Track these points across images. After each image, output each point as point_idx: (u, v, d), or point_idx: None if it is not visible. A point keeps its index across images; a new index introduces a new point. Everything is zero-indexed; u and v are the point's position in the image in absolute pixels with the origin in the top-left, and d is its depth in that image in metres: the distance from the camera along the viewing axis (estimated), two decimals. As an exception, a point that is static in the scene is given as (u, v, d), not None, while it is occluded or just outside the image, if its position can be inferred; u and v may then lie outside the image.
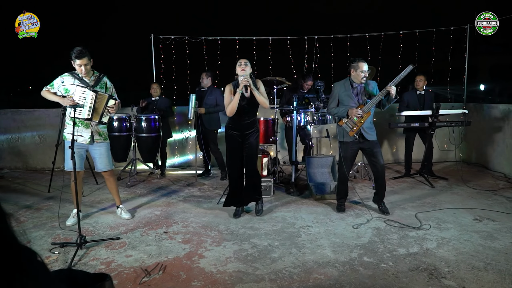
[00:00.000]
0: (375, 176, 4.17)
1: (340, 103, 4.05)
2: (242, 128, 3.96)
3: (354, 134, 3.95)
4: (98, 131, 3.81)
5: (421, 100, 5.62)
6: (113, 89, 3.89)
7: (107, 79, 3.84)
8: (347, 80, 4.03)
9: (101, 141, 3.83)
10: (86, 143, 3.76)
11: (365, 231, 3.64)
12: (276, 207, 4.41)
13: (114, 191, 4.10)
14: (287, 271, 2.85)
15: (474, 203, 4.49)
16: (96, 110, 3.61)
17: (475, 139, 6.59)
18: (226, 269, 2.88)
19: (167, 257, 3.11)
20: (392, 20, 64.55)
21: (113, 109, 3.68)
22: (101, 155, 3.83)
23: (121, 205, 4.15)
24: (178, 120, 6.75)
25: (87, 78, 3.72)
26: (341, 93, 4.03)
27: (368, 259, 3.02)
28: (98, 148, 3.81)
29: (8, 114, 6.77)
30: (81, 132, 3.71)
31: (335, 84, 4.13)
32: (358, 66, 3.92)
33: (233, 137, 3.99)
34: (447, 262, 2.95)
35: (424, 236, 3.49)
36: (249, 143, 3.97)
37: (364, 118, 3.90)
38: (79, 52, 3.51)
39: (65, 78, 3.69)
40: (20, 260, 1.00)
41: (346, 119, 3.96)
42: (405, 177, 5.78)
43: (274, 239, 3.46)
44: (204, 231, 3.68)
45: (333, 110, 4.09)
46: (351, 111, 3.91)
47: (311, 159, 5.22)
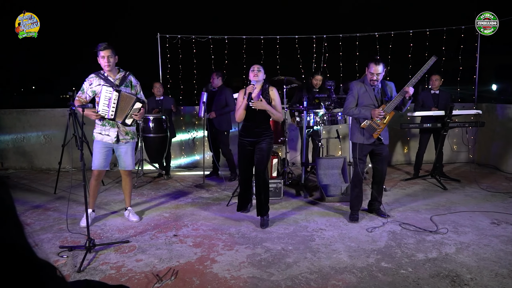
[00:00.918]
0: (377, 180, 4.03)
1: (359, 104, 3.84)
2: (254, 136, 3.81)
3: (378, 136, 3.78)
4: (125, 130, 3.81)
5: (436, 100, 5.51)
6: (139, 86, 3.88)
7: (132, 77, 3.83)
8: (366, 78, 3.85)
9: (127, 140, 3.82)
10: (112, 142, 3.77)
11: (381, 235, 3.54)
12: (287, 210, 4.32)
13: (127, 191, 4.07)
14: (304, 277, 2.75)
15: (489, 206, 4.38)
16: (120, 110, 3.60)
17: (487, 139, 6.48)
18: (240, 275, 2.79)
19: (179, 261, 3.02)
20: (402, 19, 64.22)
21: (137, 116, 3.64)
22: (125, 154, 3.84)
23: (130, 207, 4.09)
24: (184, 120, 6.67)
25: (112, 77, 3.71)
26: (360, 93, 3.82)
27: (386, 265, 2.93)
28: (123, 147, 3.82)
29: (14, 114, 6.70)
30: (107, 131, 3.74)
31: (353, 83, 3.92)
32: (368, 66, 3.75)
33: (244, 145, 3.87)
34: (468, 269, 2.85)
35: (441, 240, 3.39)
36: (260, 148, 3.80)
37: (387, 119, 3.74)
38: (103, 44, 3.60)
39: (92, 79, 3.70)
40: (40, 277, 0.91)
41: (369, 121, 3.75)
42: (415, 179, 5.68)
43: (287, 243, 3.36)
44: (215, 234, 3.59)
45: (352, 111, 3.83)
46: (374, 112, 3.69)
47: (321, 160, 5.12)
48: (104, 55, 3.60)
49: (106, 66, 3.64)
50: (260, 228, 3.75)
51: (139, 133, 5.48)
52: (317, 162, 5.10)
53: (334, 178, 5.04)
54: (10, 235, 0.90)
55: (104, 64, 3.66)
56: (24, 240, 0.96)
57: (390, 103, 3.73)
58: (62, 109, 6.78)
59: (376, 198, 4.05)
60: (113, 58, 3.67)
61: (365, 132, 3.80)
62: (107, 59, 3.61)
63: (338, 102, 5.17)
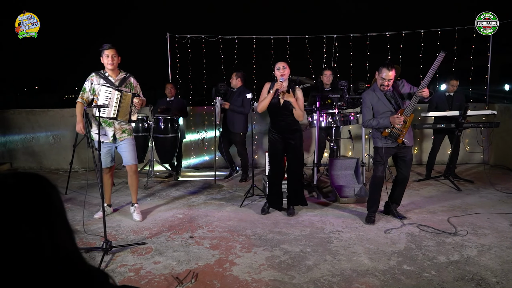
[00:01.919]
0: (400, 184, 3.97)
1: (375, 113, 3.74)
2: (282, 130, 3.97)
3: (403, 140, 3.71)
4: (121, 129, 3.88)
5: (450, 101, 5.46)
6: (139, 88, 3.96)
7: (133, 78, 3.92)
8: (375, 86, 3.76)
9: (124, 137, 3.90)
10: (109, 141, 3.84)
11: (399, 237, 3.49)
12: (301, 211, 4.28)
13: (133, 188, 4.10)
14: (326, 280, 2.71)
15: (506, 207, 4.32)
16: (122, 109, 3.68)
17: (499, 140, 6.41)
18: (261, 278, 2.75)
19: (197, 263, 2.98)
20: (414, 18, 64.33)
21: (138, 104, 3.74)
22: (126, 150, 3.91)
23: (136, 204, 4.12)
24: (194, 120, 6.63)
25: (113, 77, 3.79)
26: (374, 102, 3.74)
27: (408, 268, 2.88)
28: (123, 144, 3.91)
29: (23, 114, 6.68)
30: (105, 131, 3.80)
31: (364, 95, 3.84)
32: (380, 71, 3.64)
33: (274, 140, 4.02)
34: (493, 272, 2.80)
35: (462, 242, 3.34)
36: (292, 146, 3.96)
37: (408, 122, 3.67)
38: (108, 44, 3.70)
39: (93, 78, 3.80)
40: (94, 285, 0.88)
41: (390, 129, 3.66)
42: (428, 180, 5.63)
43: (305, 245, 3.32)
44: (231, 236, 3.55)
45: (371, 123, 3.74)
46: (393, 119, 3.59)
47: (335, 161, 5.08)
48: (108, 54, 3.68)
49: (110, 64, 3.72)
50: (288, 216, 3.99)
51: (150, 133, 5.45)
52: (330, 163, 5.05)
53: (347, 179, 4.99)
54: (62, 240, 0.87)
55: (107, 63, 3.73)
56: (75, 246, 0.92)
57: (408, 107, 3.64)
58: (71, 109, 6.73)
59: (395, 200, 4.00)
60: (117, 58, 3.76)
61: (380, 135, 3.75)
62: (111, 58, 3.70)
63: (351, 103, 5.13)
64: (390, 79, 3.62)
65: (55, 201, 0.88)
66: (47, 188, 0.88)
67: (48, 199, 0.86)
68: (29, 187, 0.84)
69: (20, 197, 0.82)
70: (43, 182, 0.88)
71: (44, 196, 0.86)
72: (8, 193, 0.81)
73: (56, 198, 0.89)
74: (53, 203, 0.87)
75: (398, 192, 4.02)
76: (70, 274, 0.84)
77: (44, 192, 0.86)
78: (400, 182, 3.98)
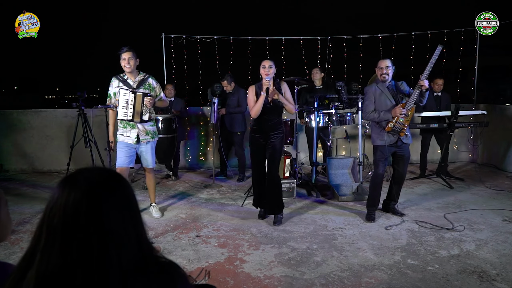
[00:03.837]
0: (397, 181, 4.08)
1: (377, 107, 3.87)
2: (266, 130, 3.88)
3: (405, 133, 3.81)
4: (145, 131, 3.95)
5: (438, 101, 5.65)
6: (159, 88, 4.03)
7: (153, 80, 3.98)
8: (378, 80, 3.93)
9: (147, 140, 3.97)
10: (132, 143, 3.89)
11: (400, 233, 3.61)
12: (302, 209, 4.36)
13: (151, 188, 4.21)
14: (336, 275, 2.80)
15: (497, 203, 4.51)
16: (136, 110, 3.76)
17: (487, 139, 6.65)
18: (273, 274, 2.81)
19: (208, 262, 3.03)
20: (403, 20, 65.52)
21: (149, 103, 3.77)
22: (146, 153, 3.99)
23: (154, 203, 4.22)
24: (190, 120, 6.64)
25: (131, 80, 3.87)
26: (376, 95, 3.88)
27: (413, 262, 3.00)
28: (144, 147, 3.97)
29: (14, 115, 6.55)
30: (128, 132, 3.89)
31: (367, 88, 3.99)
32: (377, 64, 3.92)
33: (256, 139, 3.93)
34: (492, 264, 2.94)
35: (460, 237, 3.48)
36: (272, 144, 3.84)
37: (410, 115, 3.79)
38: (125, 48, 3.79)
39: (113, 82, 3.90)
40: (172, 275, 0.93)
41: (393, 123, 3.77)
42: (421, 178, 5.81)
43: (311, 242, 3.40)
44: (237, 235, 3.60)
45: (372, 115, 3.85)
46: (395, 111, 3.73)
47: (332, 160, 5.18)
48: (125, 57, 3.76)
49: (127, 67, 3.78)
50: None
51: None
52: (328, 162, 5.16)
53: (344, 178, 5.11)
54: (144, 232, 0.92)
55: (124, 66, 3.79)
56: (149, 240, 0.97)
57: (410, 99, 3.77)
58: (64, 110, 6.68)
59: (393, 198, 4.12)
60: (134, 61, 3.82)
61: (387, 134, 3.83)
62: (127, 60, 3.78)
63: (348, 103, 5.24)
64: (387, 66, 3.83)
65: (132, 198, 0.92)
66: (127, 182, 0.93)
67: (131, 192, 0.91)
68: (117, 182, 0.89)
69: (111, 192, 0.86)
70: (122, 177, 0.92)
71: (129, 189, 0.90)
72: (101, 187, 0.85)
73: (131, 194, 0.94)
74: (134, 197, 0.92)
75: (396, 190, 4.14)
76: (153, 264, 0.89)
77: (128, 185, 0.91)
78: (397, 180, 4.10)
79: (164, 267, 0.92)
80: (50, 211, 0.84)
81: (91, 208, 0.83)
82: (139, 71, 3.93)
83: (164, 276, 0.90)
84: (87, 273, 0.81)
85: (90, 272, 0.81)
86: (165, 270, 0.91)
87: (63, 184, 0.86)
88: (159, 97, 3.99)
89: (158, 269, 0.89)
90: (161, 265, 0.92)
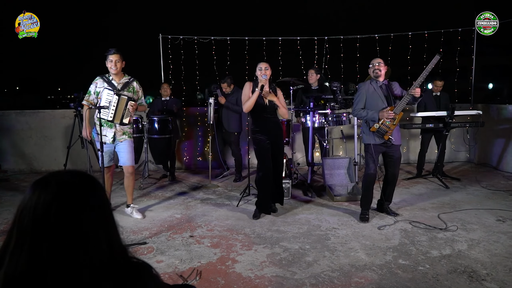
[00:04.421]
0: (389, 182, 4.09)
1: (367, 105, 3.90)
2: (269, 130, 4.03)
3: (389, 137, 3.82)
4: (122, 131, 4.00)
5: (438, 101, 5.66)
6: (141, 92, 4.10)
7: (136, 84, 4.04)
8: (372, 80, 3.95)
9: (124, 139, 4.01)
10: (109, 142, 3.95)
11: (393, 233, 3.62)
12: (297, 209, 4.38)
13: (130, 189, 4.18)
14: (326, 275, 2.81)
15: (492, 203, 4.52)
16: (118, 112, 3.84)
17: (483, 139, 6.66)
18: (264, 274, 2.83)
19: (200, 262, 3.05)
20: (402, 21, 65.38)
21: (132, 108, 3.88)
22: (124, 151, 4.00)
23: (132, 204, 4.21)
24: (187, 121, 6.66)
25: (116, 81, 3.93)
26: (369, 92, 3.89)
27: (404, 262, 3.01)
28: (121, 145, 4.00)
29: (12, 116, 6.59)
30: (105, 132, 3.91)
31: (360, 84, 4.02)
32: (370, 63, 3.96)
33: (261, 141, 4.01)
34: (483, 264, 2.95)
35: (452, 237, 3.49)
36: (277, 142, 4.06)
37: (397, 120, 3.81)
38: (113, 49, 3.85)
39: (97, 81, 3.95)
40: (142, 276, 0.94)
41: (379, 124, 3.79)
42: (418, 178, 5.81)
43: (304, 242, 3.42)
44: (230, 235, 3.62)
45: (361, 113, 3.89)
46: (382, 114, 3.75)
47: (328, 160, 5.20)
48: (112, 59, 3.83)
49: (113, 69, 3.86)
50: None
51: (144, 134, 5.47)
52: (323, 162, 5.17)
53: (340, 178, 5.12)
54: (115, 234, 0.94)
55: (110, 67, 3.87)
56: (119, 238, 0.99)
57: (399, 104, 3.78)
58: (62, 111, 6.71)
59: (387, 198, 4.13)
60: (120, 63, 3.90)
61: (370, 132, 3.86)
62: (114, 63, 3.85)
63: (343, 103, 5.25)
64: (379, 62, 3.88)
65: (104, 200, 0.94)
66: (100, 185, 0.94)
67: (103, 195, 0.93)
68: (88, 185, 0.90)
69: (82, 194, 0.88)
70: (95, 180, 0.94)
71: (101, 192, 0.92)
72: (71, 190, 0.87)
73: (104, 196, 0.95)
74: (107, 199, 0.94)
75: (389, 190, 4.15)
76: (123, 265, 0.90)
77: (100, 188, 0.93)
78: (390, 180, 4.11)
79: (136, 268, 0.94)
80: (21, 212, 0.86)
81: (60, 210, 0.85)
82: (124, 73, 4.01)
83: (134, 277, 0.91)
84: (57, 274, 0.82)
85: (60, 273, 0.83)
86: (136, 271, 0.93)
87: (34, 186, 0.88)
88: (140, 101, 4.07)
89: (129, 270, 0.91)
90: (132, 266, 0.93)
